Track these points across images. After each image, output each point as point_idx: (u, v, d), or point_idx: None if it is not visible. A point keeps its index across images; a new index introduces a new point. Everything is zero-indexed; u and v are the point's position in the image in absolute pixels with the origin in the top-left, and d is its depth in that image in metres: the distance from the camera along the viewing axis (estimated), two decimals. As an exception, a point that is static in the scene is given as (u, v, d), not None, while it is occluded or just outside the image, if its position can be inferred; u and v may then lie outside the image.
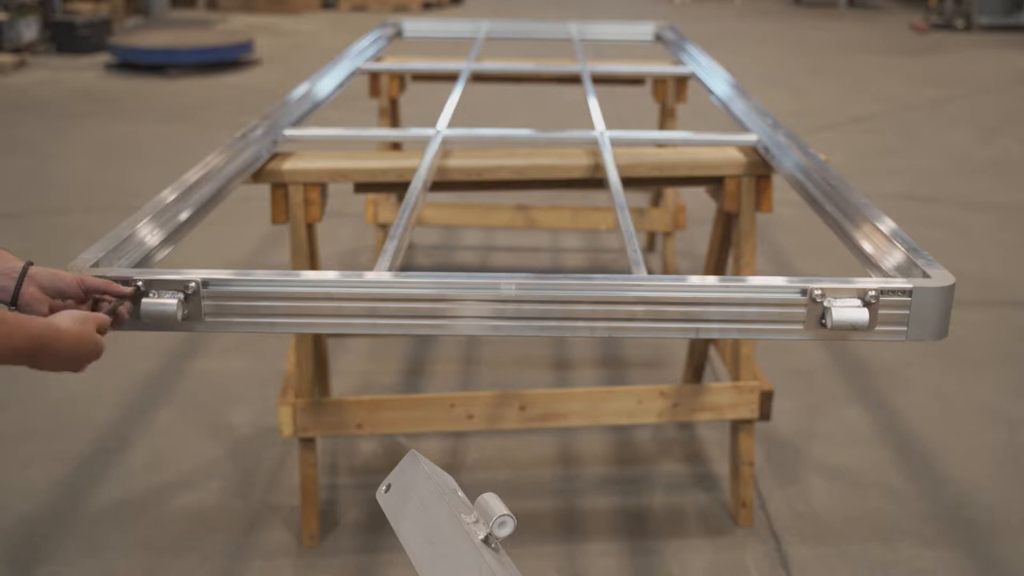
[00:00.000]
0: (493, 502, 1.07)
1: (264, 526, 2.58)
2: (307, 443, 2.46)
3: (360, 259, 4.43)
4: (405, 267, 3.35)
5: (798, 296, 1.42)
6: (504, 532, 1.05)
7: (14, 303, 1.31)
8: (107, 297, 1.39)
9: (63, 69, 8.92)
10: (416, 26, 4.09)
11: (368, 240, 4.60)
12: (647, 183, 3.35)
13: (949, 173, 5.94)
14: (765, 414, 2.54)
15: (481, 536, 1.06)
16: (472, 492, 1.18)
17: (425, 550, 1.13)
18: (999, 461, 2.93)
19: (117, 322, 1.40)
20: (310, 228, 2.36)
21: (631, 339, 3.48)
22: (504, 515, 1.05)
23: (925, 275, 1.46)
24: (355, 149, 2.80)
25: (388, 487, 1.25)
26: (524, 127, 2.70)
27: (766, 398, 2.52)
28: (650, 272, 1.56)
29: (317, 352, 2.52)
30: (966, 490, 2.77)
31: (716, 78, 3.02)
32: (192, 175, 1.90)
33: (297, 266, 2.33)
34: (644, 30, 4.14)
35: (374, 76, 3.66)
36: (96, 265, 1.46)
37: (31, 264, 1.34)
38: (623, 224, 1.79)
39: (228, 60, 9.00)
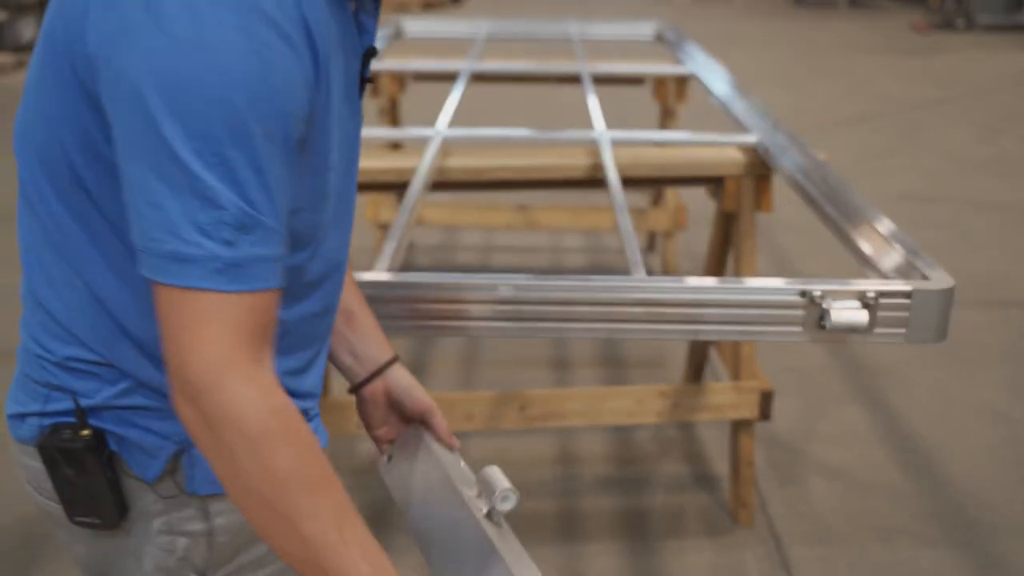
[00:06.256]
0: (496, 476, 1.05)
1: (264, 526, 2.58)
2: (307, 443, 2.45)
3: (360, 259, 4.43)
4: (405, 267, 3.34)
5: (797, 298, 1.42)
6: (507, 506, 1.04)
7: (354, 391, 1.24)
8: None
9: (63, 69, 8.94)
10: (416, 26, 4.09)
11: (367, 240, 4.60)
12: (647, 183, 3.35)
13: (949, 173, 5.94)
14: (765, 414, 2.54)
15: (484, 510, 1.05)
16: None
17: (426, 523, 1.13)
18: (1000, 461, 2.93)
19: None
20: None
21: (631, 339, 3.48)
22: (507, 489, 1.03)
23: (924, 277, 1.46)
24: (355, 149, 2.79)
25: (390, 458, 1.24)
26: (526, 126, 2.71)
27: (766, 398, 2.52)
28: (650, 272, 1.56)
29: (317, 352, 2.52)
30: (967, 490, 2.77)
31: (716, 78, 3.02)
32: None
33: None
34: (644, 30, 4.14)
35: (374, 76, 3.66)
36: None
37: (396, 360, 1.24)
38: (622, 225, 1.79)
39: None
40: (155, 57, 0.83)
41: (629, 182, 2.25)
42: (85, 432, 1.01)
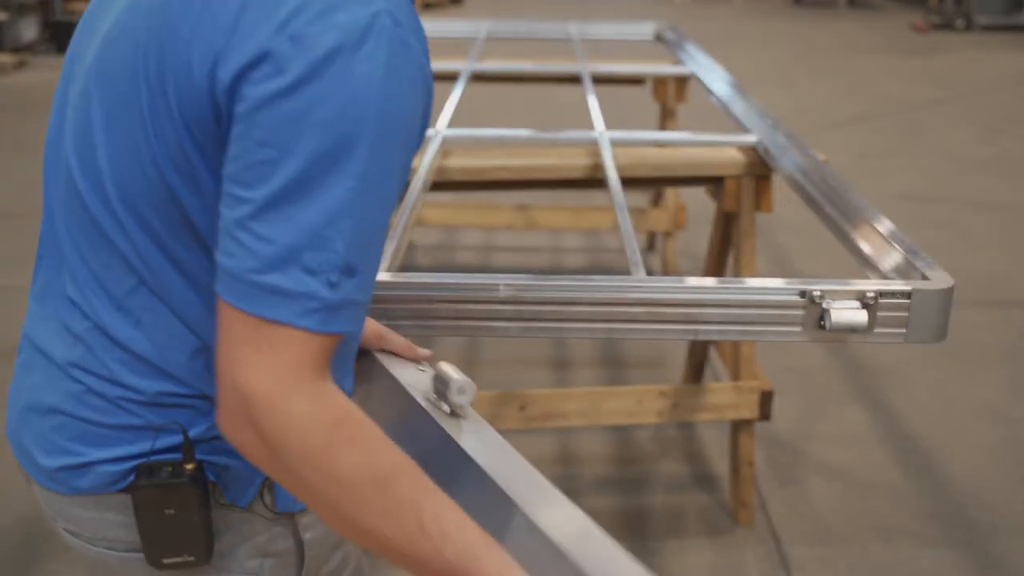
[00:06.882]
0: (448, 371, 1.03)
1: (264, 526, 2.58)
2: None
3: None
4: (405, 267, 3.34)
5: (796, 298, 1.42)
6: (464, 400, 1.01)
7: None
8: None
9: (63, 69, 8.93)
10: (416, 26, 4.08)
11: (368, 240, 4.60)
12: (647, 183, 3.35)
13: (950, 173, 5.94)
14: (765, 414, 2.54)
15: (447, 410, 1.03)
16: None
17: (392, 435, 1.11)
18: (1000, 461, 2.93)
19: None
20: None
21: (631, 339, 3.48)
22: (460, 381, 1.00)
23: (924, 277, 1.46)
24: (355, 149, 2.79)
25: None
26: (526, 126, 2.71)
27: (766, 398, 2.52)
28: (650, 272, 1.56)
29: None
30: (967, 490, 2.77)
31: (716, 78, 3.02)
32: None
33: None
34: (644, 30, 4.14)
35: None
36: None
37: None
38: (622, 225, 1.79)
39: (228, 60, 8.97)
40: (296, 89, 0.80)
41: (629, 182, 2.25)
42: (190, 466, 0.97)
